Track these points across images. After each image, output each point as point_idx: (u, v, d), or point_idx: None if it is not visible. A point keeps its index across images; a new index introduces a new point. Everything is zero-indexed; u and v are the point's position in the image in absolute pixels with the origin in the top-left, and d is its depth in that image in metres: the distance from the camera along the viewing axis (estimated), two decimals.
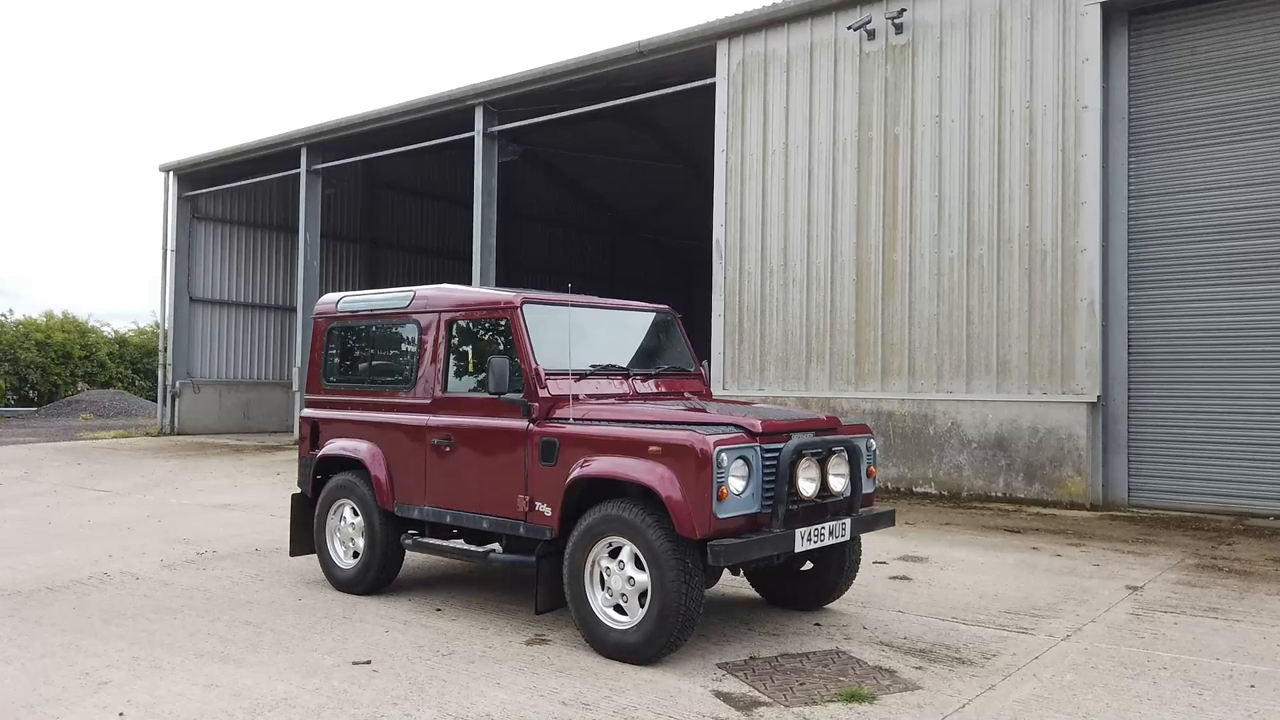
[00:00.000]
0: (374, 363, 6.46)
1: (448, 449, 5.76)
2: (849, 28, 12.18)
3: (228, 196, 23.05)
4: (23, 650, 5.02)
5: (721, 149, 13.50)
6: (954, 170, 11.50)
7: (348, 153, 19.67)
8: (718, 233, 13.52)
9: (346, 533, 6.38)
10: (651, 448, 4.74)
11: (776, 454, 4.86)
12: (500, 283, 27.88)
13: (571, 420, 5.20)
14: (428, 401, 5.93)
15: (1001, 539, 8.57)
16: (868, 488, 5.64)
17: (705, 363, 6.64)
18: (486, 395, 5.46)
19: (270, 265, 24.11)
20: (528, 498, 5.30)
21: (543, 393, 5.34)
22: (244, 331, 23.70)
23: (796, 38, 12.82)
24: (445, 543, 5.83)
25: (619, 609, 4.88)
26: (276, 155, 20.65)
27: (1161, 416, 10.49)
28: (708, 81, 13.72)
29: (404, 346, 6.20)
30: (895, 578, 6.90)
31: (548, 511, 5.18)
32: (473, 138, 16.68)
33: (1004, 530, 9.04)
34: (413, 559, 6.99)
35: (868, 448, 5.64)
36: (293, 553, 6.79)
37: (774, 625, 5.54)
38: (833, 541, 5.10)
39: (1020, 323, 10.96)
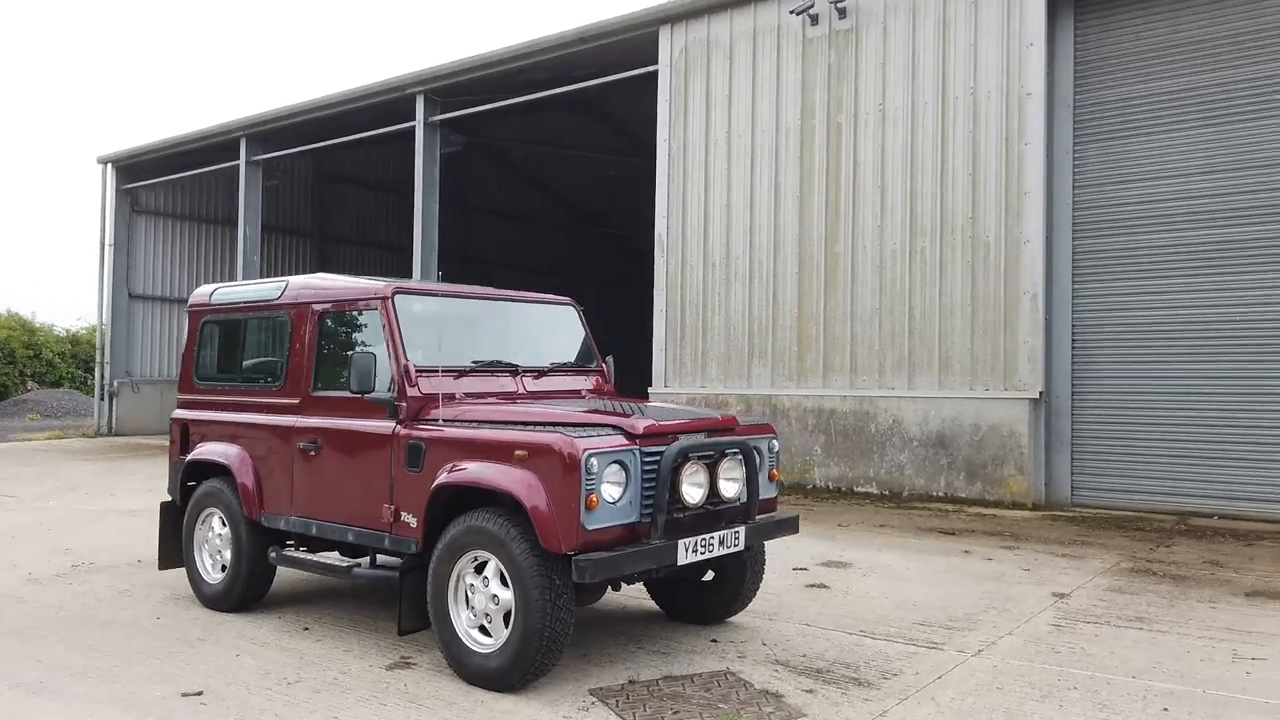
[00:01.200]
0: (245, 359, 5.96)
1: (313, 453, 5.28)
2: (791, 12, 11.77)
3: (169, 189, 22.34)
4: None
5: (664, 138, 13.07)
6: (897, 159, 11.13)
7: (289, 144, 19.04)
8: (660, 225, 13.09)
9: (214, 544, 5.88)
10: (518, 452, 4.30)
11: (659, 458, 4.43)
12: (455, 277, 27.32)
13: (440, 422, 4.75)
14: (296, 401, 5.45)
15: (934, 542, 8.20)
16: (769, 492, 5.23)
17: (609, 358, 6.21)
18: (354, 394, 4.99)
19: (214, 260, 23.40)
20: (393, 507, 4.84)
21: (412, 391, 4.88)
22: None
23: (740, 23, 12.41)
24: (307, 556, 5.36)
25: (484, 630, 4.44)
26: (216, 146, 19.97)
27: (1105, 413, 10.19)
28: (650, 69, 13.28)
29: (275, 342, 5.71)
30: (812, 585, 6.51)
31: (413, 522, 4.72)
32: (414, 127, 16.14)
33: (939, 532, 8.68)
34: (294, 572, 6.50)
35: (769, 449, 5.23)
36: (161, 565, 6.28)
37: (666, 642, 5.12)
38: (724, 552, 4.68)
39: (963, 317, 10.62)
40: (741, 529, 4.78)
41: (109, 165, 21.82)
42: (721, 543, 4.66)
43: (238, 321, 6.01)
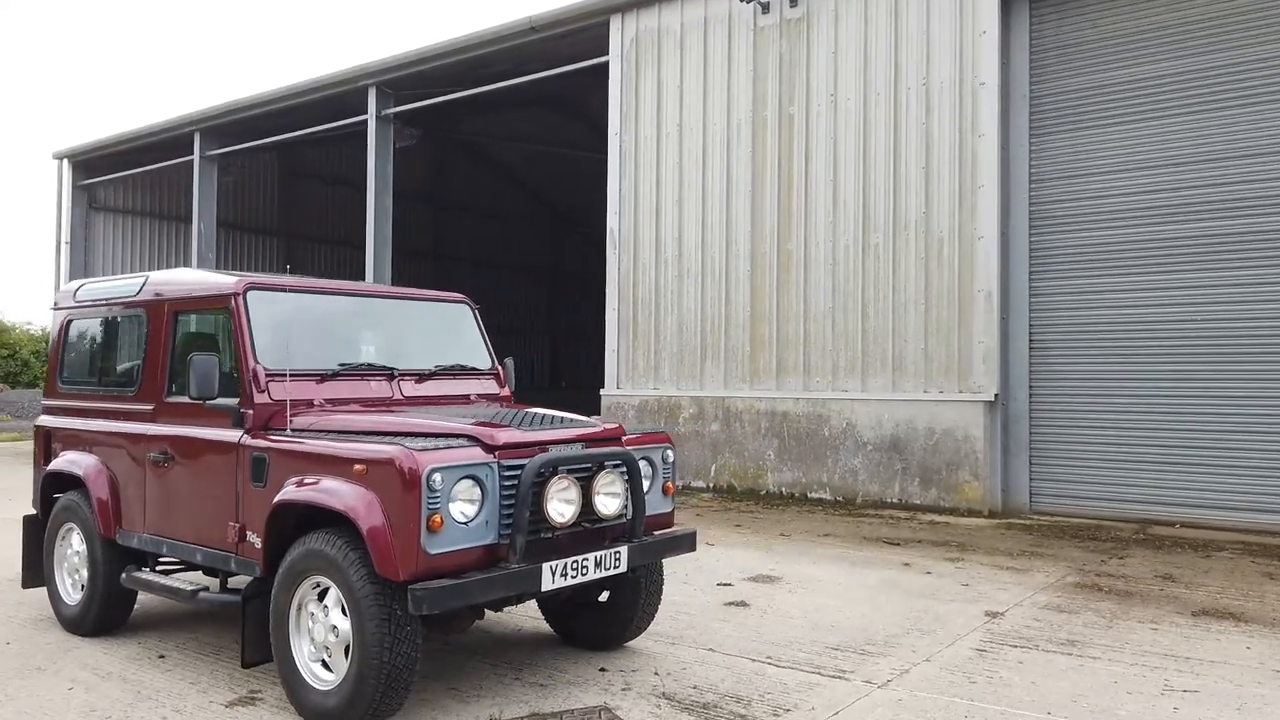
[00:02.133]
0: (104, 361, 5.49)
1: (164, 465, 4.82)
2: (743, 0, 11.34)
3: (127, 185, 21.80)
4: None
5: (615, 131, 12.62)
6: (849, 153, 10.70)
7: (243, 138, 18.52)
8: (611, 220, 12.65)
9: (73, 563, 5.42)
10: (356, 466, 3.84)
11: (520, 473, 3.98)
12: (436, 277, 26.91)
13: (288, 431, 4.29)
14: (150, 408, 4.99)
15: (876, 553, 7.77)
16: (661, 507, 4.78)
17: (509, 360, 5.76)
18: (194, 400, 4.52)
19: (174, 258, 22.84)
20: (238, 525, 4.38)
21: (260, 398, 4.42)
22: None
23: (690, 11, 11.97)
24: (154, 578, 4.88)
25: (326, 665, 3.98)
26: (172, 141, 19.45)
27: (1064, 416, 9.77)
28: (600, 60, 12.83)
29: (131, 342, 5.25)
30: (731, 604, 6.06)
31: (258, 543, 4.26)
32: (366, 121, 15.66)
33: (884, 542, 8.25)
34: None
35: (663, 460, 4.78)
36: (25, 583, 5.80)
37: (550, 672, 4.66)
38: (600, 575, 4.23)
39: (917, 316, 10.19)
40: (624, 549, 4.33)
41: (65, 161, 21.29)
42: (598, 564, 4.21)
43: (99, 320, 5.54)
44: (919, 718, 4.07)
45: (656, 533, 4.76)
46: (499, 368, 5.62)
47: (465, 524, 3.82)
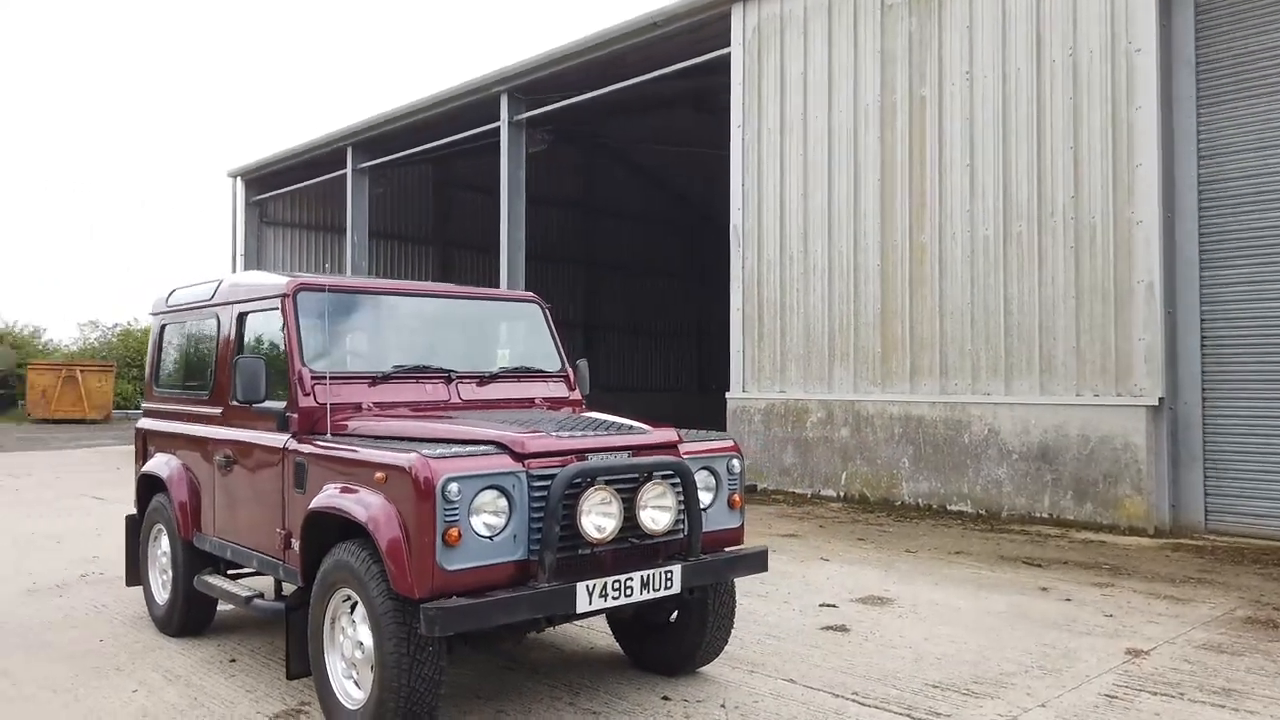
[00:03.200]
0: (188, 365, 5.56)
1: (227, 468, 4.79)
2: None
3: (293, 200, 23.07)
4: None
5: (737, 124, 12.16)
6: (988, 135, 9.83)
7: (391, 150, 19.18)
8: (734, 217, 12.20)
9: (162, 563, 5.51)
10: (377, 474, 3.62)
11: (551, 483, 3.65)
12: (576, 280, 27.18)
13: (328, 436, 4.14)
14: (219, 411, 4.98)
15: (1010, 575, 6.99)
16: (728, 522, 4.34)
17: (581, 362, 5.45)
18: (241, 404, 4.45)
19: (336, 268, 24.00)
20: (284, 532, 4.27)
21: (305, 401, 4.29)
22: None
23: None
24: (216, 582, 4.85)
25: (356, 683, 3.78)
26: (328, 156, 20.41)
27: (1246, 421, 8.56)
28: (723, 52, 12.40)
29: (207, 345, 5.27)
30: (829, 628, 5.52)
31: (300, 551, 4.12)
32: (499, 127, 15.83)
33: (1023, 562, 7.43)
34: None
35: (728, 470, 4.34)
36: (128, 582, 5.97)
37: (609, 699, 4.31)
38: (647, 597, 3.84)
39: (1066, 311, 9.22)
40: (677, 568, 3.93)
41: (238, 179, 22.73)
42: (645, 585, 3.82)
43: (184, 324, 5.63)
44: None
45: (730, 549, 4.34)
46: (569, 370, 5.32)
47: (489, 538, 3.53)
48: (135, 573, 5.89)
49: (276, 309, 4.53)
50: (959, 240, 10.02)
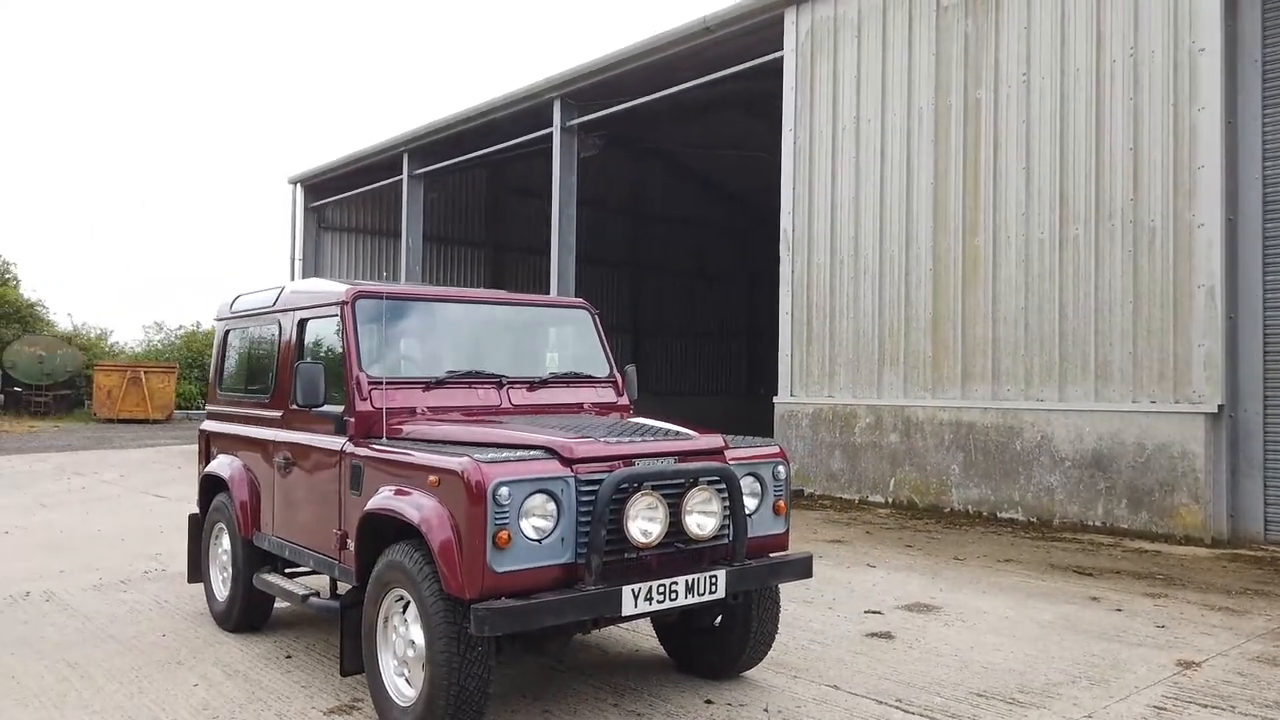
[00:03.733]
0: (250, 369, 5.75)
1: (286, 470, 4.95)
2: None
3: (350, 205, 23.53)
4: None
5: (789, 128, 12.15)
6: (1044, 137, 9.70)
7: (446, 156, 19.49)
8: (785, 221, 12.19)
9: (223, 561, 5.71)
10: (430, 477, 3.73)
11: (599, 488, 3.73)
12: (625, 284, 27.32)
13: (383, 439, 4.27)
14: (279, 414, 5.15)
15: (1060, 584, 6.90)
16: (773, 528, 4.38)
17: (629, 367, 5.53)
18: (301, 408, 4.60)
19: (392, 272, 24.42)
20: (340, 533, 4.41)
21: (361, 406, 4.42)
22: None
23: None
24: (274, 580, 5.02)
25: (408, 680, 3.90)
26: (384, 162, 20.79)
27: None
28: (775, 56, 12.40)
29: (269, 351, 5.45)
30: (874, 634, 5.52)
31: (355, 551, 4.26)
32: (551, 133, 16.00)
33: (1073, 571, 7.33)
34: None
35: (774, 476, 4.38)
36: (190, 579, 6.19)
37: (653, 700, 4.38)
38: (692, 601, 3.90)
39: (1123, 316, 9.06)
40: (721, 573, 3.98)
41: (298, 185, 23.26)
42: (690, 589, 3.88)
43: (246, 330, 5.82)
44: None
45: (776, 555, 4.38)
46: (617, 375, 5.40)
47: (538, 541, 3.62)
48: (197, 570, 6.10)
49: (336, 316, 4.68)
50: (1013, 243, 9.90)
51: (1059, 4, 9.61)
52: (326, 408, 4.49)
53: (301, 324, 5.07)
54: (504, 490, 3.52)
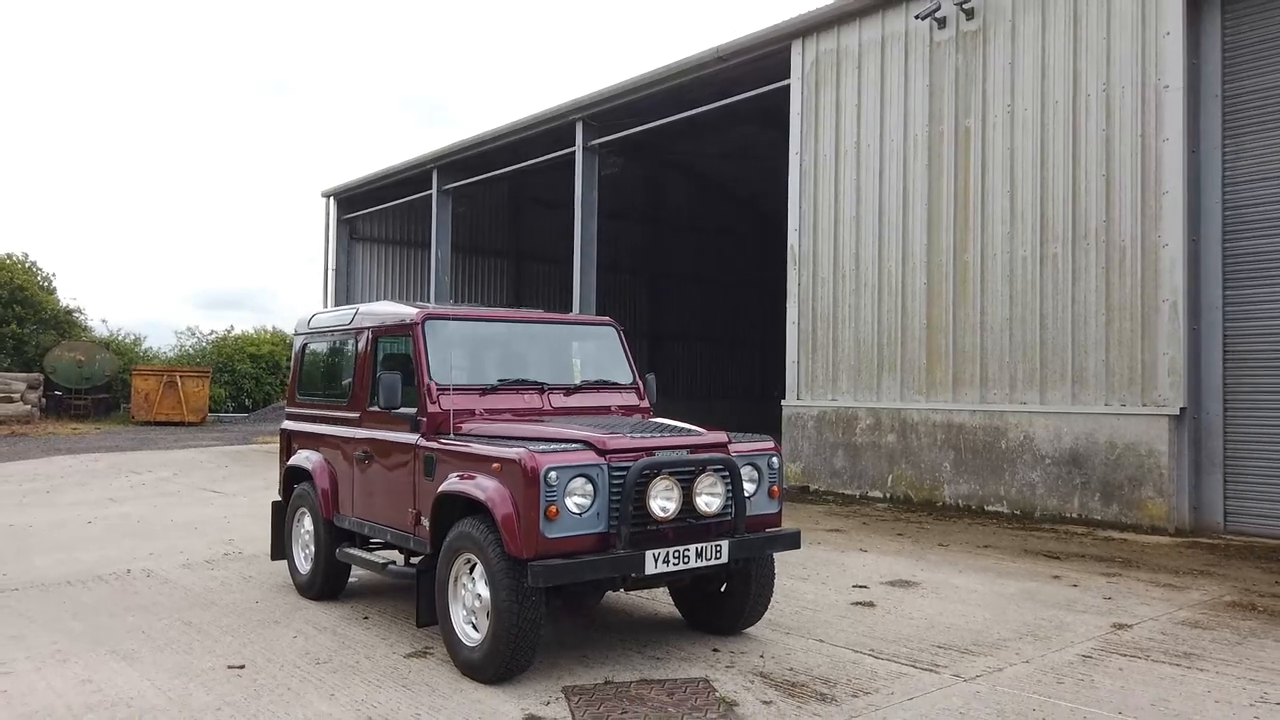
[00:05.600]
0: (327, 377, 6.77)
1: (365, 462, 5.96)
2: (917, 17, 11.53)
3: (380, 217, 24.63)
4: None
5: (795, 151, 13.12)
6: (1027, 163, 10.63)
7: (473, 172, 20.55)
8: (792, 238, 13.14)
9: (304, 540, 6.72)
10: (494, 465, 4.73)
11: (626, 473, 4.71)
12: (644, 291, 28.32)
13: (451, 435, 5.26)
14: (357, 415, 6.16)
15: (1029, 565, 7.83)
16: (768, 508, 5.36)
17: (650, 375, 6.51)
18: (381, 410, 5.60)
19: (417, 281, 25.50)
20: (415, 511, 5.41)
21: (432, 408, 5.43)
22: None
23: (868, 31, 12.27)
24: (358, 553, 6.03)
25: (475, 626, 4.89)
26: (416, 177, 21.88)
27: (1266, 430, 9.23)
28: (782, 84, 13.37)
29: (346, 362, 6.46)
30: (858, 604, 6.48)
31: (429, 526, 5.26)
32: (574, 153, 17.02)
33: (1043, 555, 8.26)
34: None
35: (769, 465, 5.36)
36: (273, 556, 7.22)
37: (669, 648, 5.35)
38: (701, 565, 4.88)
39: (1097, 327, 9.97)
40: (725, 543, 4.96)
41: (331, 199, 24.38)
42: (699, 555, 4.86)
43: (324, 343, 6.84)
44: (989, 707, 4.40)
45: (772, 530, 5.35)
46: (639, 382, 6.38)
47: (579, 515, 4.60)
48: (280, 548, 7.13)
49: (407, 334, 5.68)
50: (999, 260, 10.83)
51: (1040, 42, 10.53)
52: (401, 409, 5.49)
53: (375, 339, 6.08)
54: (553, 474, 4.50)
